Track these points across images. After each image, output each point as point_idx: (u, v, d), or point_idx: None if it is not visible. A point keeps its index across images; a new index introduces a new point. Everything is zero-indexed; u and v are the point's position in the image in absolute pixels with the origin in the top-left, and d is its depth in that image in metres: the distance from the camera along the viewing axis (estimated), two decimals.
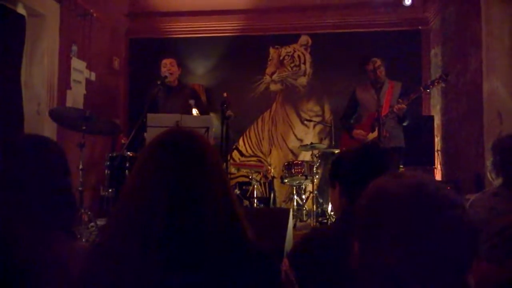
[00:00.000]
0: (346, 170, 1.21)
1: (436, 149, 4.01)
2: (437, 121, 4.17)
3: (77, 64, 3.87)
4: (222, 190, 0.77)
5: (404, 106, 3.05)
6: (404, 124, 3.24)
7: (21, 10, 3.36)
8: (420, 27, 4.54)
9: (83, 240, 2.71)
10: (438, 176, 4.00)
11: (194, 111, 3.81)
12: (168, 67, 3.41)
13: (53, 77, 3.55)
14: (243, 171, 4.53)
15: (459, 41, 3.70)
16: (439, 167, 4.02)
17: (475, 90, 3.27)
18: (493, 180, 1.38)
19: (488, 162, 1.38)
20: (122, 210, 0.77)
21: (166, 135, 0.81)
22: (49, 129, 3.43)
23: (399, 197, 0.63)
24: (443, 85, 3.19)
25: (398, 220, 0.61)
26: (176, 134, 0.81)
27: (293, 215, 3.28)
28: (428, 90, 3.26)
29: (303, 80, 4.74)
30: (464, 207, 0.64)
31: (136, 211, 0.74)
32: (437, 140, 4.09)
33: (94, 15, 4.00)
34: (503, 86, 2.88)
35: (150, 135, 2.83)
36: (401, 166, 3.45)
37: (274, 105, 4.79)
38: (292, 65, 4.75)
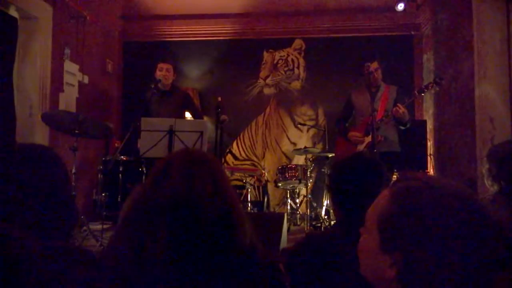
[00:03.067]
0: (335, 184, 1.25)
1: (428, 153, 4.04)
2: (429, 126, 4.21)
3: (70, 67, 3.84)
4: (234, 204, 0.79)
5: (404, 109, 3.02)
6: (406, 127, 3.19)
7: (13, 12, 3.33)
8: (412, 33, 4.60)
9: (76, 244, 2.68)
10: None
11: (188, 115, 3.79)
12: (164, 72, 3.40)
13: (46, 80, 3.51)
14: (237, 175, 4.51)
15: (451, 46, 3.75)
16: (431, 171, 4.06)
17: (467, 95, 3.31)
18: (490, 186, 1.39)
19: (484, 170, 1.39)
20: (131, 225, 0.78)
21: (179, 154, 0.84)
22: (41, 133, 3.39)
23: (440, 205, 0.62)
24: (437, 89, 3.21)
25: (441, 227, 0.60)
26: (189, 154, 0.84)
27: (287, 219, 3.28)
28: (422, 94, 3.28)
29: (297, 84, 4.76)
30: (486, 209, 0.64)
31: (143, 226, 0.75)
32: (430, 144, 4.13)
33: (87, 17, 3.97)
34: (494, 91, 2.92)
35: (143, 138, 2.81)
36: (395, 171, 3.47)
37: (268, 108, 4.80)
38: (285, 69, 4.77)
